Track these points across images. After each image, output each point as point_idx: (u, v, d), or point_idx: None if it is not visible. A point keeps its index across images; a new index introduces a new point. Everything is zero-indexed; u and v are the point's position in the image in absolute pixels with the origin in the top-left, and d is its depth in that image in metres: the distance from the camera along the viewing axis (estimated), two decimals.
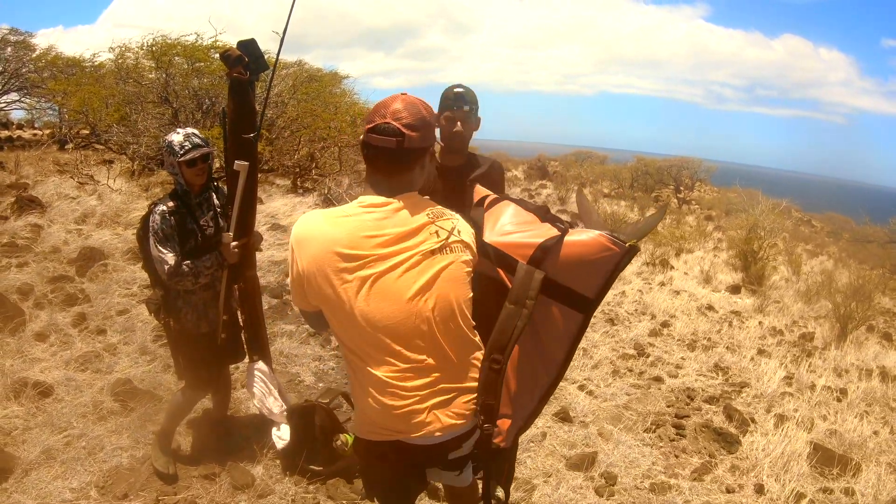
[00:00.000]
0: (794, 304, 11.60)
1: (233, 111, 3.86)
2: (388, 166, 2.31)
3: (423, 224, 2.29)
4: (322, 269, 2.22)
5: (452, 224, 2.35)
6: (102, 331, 6.16)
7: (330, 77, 19.40)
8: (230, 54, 3.78)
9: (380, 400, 2.28)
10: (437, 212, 2.36)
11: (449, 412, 2.32)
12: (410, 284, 2.23)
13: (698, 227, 22.99)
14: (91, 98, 14.32)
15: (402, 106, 2.30)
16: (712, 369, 6.90)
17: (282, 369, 5.76)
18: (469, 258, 2.35)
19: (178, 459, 4.26)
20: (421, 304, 2.24)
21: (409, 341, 2.26)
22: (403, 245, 2.25)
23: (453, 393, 2.34)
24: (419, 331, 2.26)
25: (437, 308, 2.26)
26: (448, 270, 2.28)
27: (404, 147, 2.26)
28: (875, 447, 5.37)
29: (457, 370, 2.35)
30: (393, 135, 2.26)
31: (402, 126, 2.26)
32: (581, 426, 5.21)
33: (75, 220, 9.91)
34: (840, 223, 36.51)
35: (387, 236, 2.24)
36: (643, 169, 40.16)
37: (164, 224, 3.72)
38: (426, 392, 2.29)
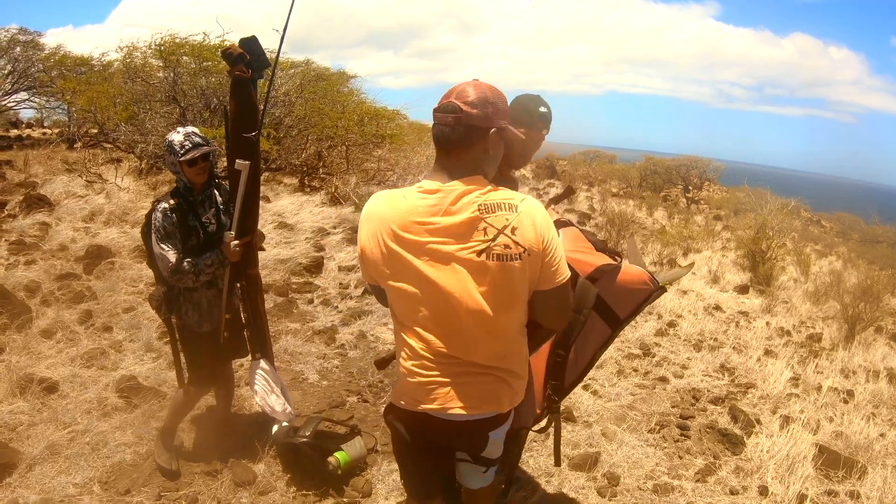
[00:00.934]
0: (802, 305, 11.54)
1: (234, 109, 3.90)
2: (447, 144, 2.34)
3: (471, 219, 2.27)
4: (376, 245, 2.34)
5: (505, 221, 2.28)
6: (108, 328, 6.20)
7: (338, 76, 19.43)
8: (232, 52, 3.82)
9: (408, 367, 2.45)
10: (490, 203, 2.29)
11: (470, 394, 2.41)
12: (452, 279, 2.29)
13: (707, 226, 22.91)
14: (99, 97, 14.39)
15: (468, 88, 2.35)
16: (718, 370, 6.87)
17: (286, 367, 5.77)
18: (517, 262, 2.28)
19: (181, 456, 4.28)
20: (461, 299, 2.29)
21: (446, 326, 2.35)
22: (449, 240, 2.27)
23: (479, 377, 2.42)
24: (456, 319, 2.33)
25: (474, 307, 2.30)
26: (492, 274, 2.28)
27: (463, 123, 2.29)
28: (881, 450, 5.32)
29: (489, 359, 2.41)
30: (452, 111, 2.30)
31: (463, 103, 2.30)
32: (585, 426, 5.20)
33: (83, 218, 9.97)
34: (850, 223, 36.39)
35: (436, 225, 2.28)
36: (651, 168, 40.07)
37: (166, 221, 3.74)
38: (452, 370, 2.40)
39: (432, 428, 2.51)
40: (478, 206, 2.28)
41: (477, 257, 2.27)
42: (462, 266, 2.28)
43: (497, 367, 2.43)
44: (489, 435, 2.57)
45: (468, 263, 2.27)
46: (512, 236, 2.27)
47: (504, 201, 2.30)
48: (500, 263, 2.27)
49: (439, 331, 2.37)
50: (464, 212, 2.28)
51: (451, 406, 2.41)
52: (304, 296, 7.74)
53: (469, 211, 2.27)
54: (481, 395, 2.43)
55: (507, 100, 2.45)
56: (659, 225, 21.90)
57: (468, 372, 2.41)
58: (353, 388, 5.53)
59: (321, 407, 5.13)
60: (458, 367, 2.40)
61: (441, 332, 2.37)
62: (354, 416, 4.99)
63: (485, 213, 2.28)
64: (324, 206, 12.44)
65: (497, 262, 2.27)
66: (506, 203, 2.30)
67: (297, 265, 8.58)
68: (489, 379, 2.44)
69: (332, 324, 6.89)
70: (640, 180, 38.82)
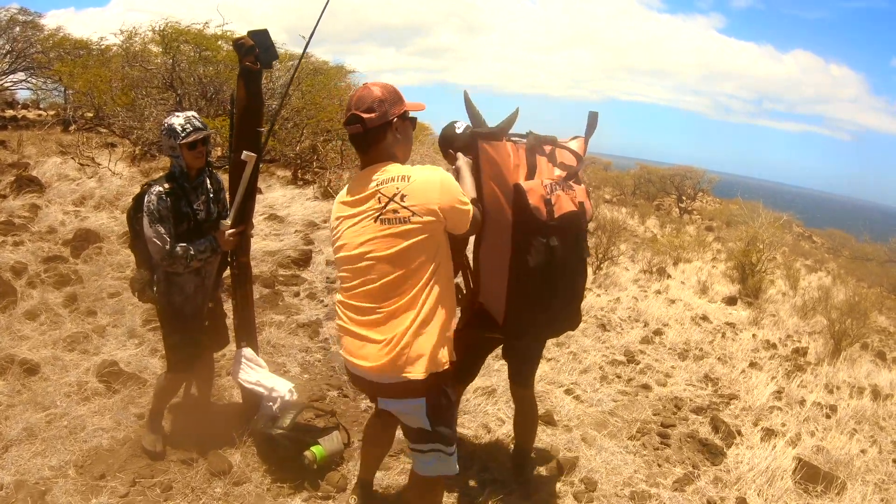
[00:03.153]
0: (789, 319, 11.57)
1: (242, 100, 4.01)
2: (364, 147, 2.92)
3: (372, 192, 2.81)
4: (332, 216, 3.01)
5: (395, 189, 2.77)
6: (93, 312, 6.19)
7: (335, 70, 19.41)
8: (244, 43, 3.94)
9: (338, 323, 3.03)
10: (387, 176, 2.82)
11: (368, 354, 2.85)
12: (357, 239, 2.83)
13: (698, 236, 22.97)
14: (97, 81, 14.33)
15: (363, 95, 2.86)
16: (702, 380, 6.87)
17: (268, 359, 5.73)
18: (404, 226, 2.75)
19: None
20: (363, 256, 2.82)
21: (357, 284, 2.87)
22: (360, 208, 2.84)
23: (373, 340, 2.83)
24: (363, 277, 2.84)
25: (372, 264, 2.81)
26: (381, 236, 2.77)
27: (367, 128, 2.83)
28: (862, 466, 5.33)
29: (381, 319, 2.83)
30: (356, 122, 2.83)
31: (362, 112, 2.81)
32: (565, 430, 5.18)
33: (73, 201, 9.94)
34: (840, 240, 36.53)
35: (357, 196, 2.87)
36: (646, 177, 40.25)
37: (161, 205, 3.74)
38: (360, 327, 2.88)
39: (353, 374, 3.04)
40: (376, 180, 2.82)
41: (373, 221, 2.79)
42: (363, 226, 2.82)
43: (392, 328, 2.81)
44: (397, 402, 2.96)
45: (368, 225, 2.80)
46: (402, 203, 2.75)
47: (400, 173, 2.81)
48: (387, 228, 2.77)
49: (353, 284, 2.89)
50: (370, 185, 2.83)
51: (354, 361, 2.91)
52: (290, 288, 7.72)
53: (372, 185, 2.83)
54: (371, 356, 2.84)
55: (396, 90, 2.90)
56: (650, 233, 21.95)
57: (362, 335, 2.88)
58: (335, 382, 5.51)
59: (302, 399, 5.11)
60: (361, 325, 2.89)
61: (354, 285, 2.88)
62: (334, 411, 4.96)
63: (381, 184, 2.80)
64: (316, 200, 12.43)
65: (385, 224, 2.77)
66: (400, 175, 2.80)
67: (284, 257, 8.56)
68: (375, 340, 2.84)
69: (317, 317, 6.87)
70: (634, 188, 38.97)
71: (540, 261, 3.22)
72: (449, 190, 2.81)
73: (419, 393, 2.84)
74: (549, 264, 3.25)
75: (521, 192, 3.19)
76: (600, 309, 8.99)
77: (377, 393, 2.99)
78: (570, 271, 3.44)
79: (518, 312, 3.36)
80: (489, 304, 3.45)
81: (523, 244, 3.22)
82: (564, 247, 3.30)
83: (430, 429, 2.92)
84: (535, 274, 3.24)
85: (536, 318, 3.43)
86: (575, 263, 3.46)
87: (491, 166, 3.24)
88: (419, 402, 2.86)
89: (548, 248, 3.22)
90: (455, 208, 2.82)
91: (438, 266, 2.83)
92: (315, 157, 16.01)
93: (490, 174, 3.24)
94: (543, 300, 3.36)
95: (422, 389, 2.82)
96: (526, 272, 3.24)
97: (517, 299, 3.32)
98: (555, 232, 3.25)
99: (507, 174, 3.25)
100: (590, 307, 8.74)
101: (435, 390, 2.87)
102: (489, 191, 3.24)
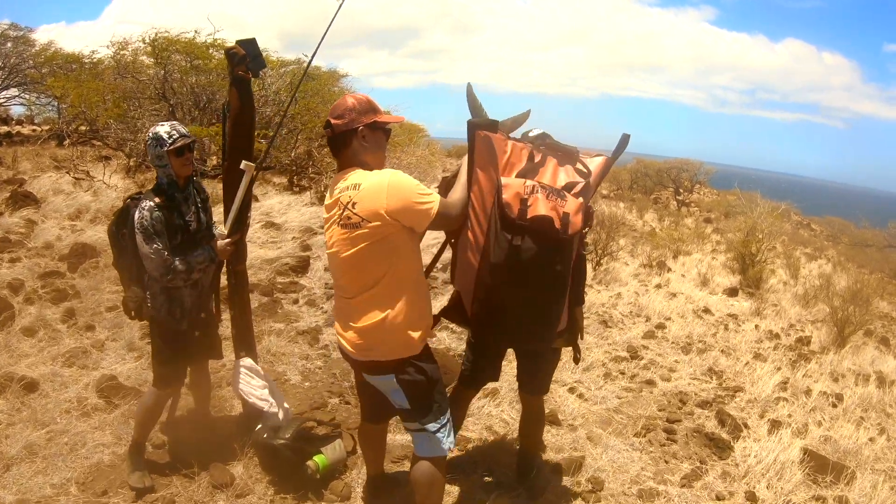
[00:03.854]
0: (791, 308, 11.52)
1: (236, 108, 4.03)
2: (333, 149, 3.24)
3: (335, 198, 3.09)
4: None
5: (349, 197, 3.01)
6: (91, 327, 6.16)
7: (328, 75, 19.39)
8: (236, 52, 3.97)
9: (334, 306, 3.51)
10: (345, 184, 3.07)
11: (348, 337, 3.23)
12: (330, 241, 3.16)
13: (697, 229, 22.94)
14: (89, 94, 14.31)
15: (338, 103, 3.18)
16: (706, 373, 6.83)
17: (269, 367, 5.72)
18: (357, 231, 3.01)
19: (159, 457, 4.27)
20: (335, 256, 3.16)
21: (337, 278, 3.29)
22: (331, 213, 3.15)
23: (349, 327, 3.20)
24: (338, 274, 3.24)
25: (340, 263, 3.14)
26: (341, 239, 3.07)
27: (335, 132, 3.14)
28: (870, 455, 5.29)
29: (353, 311, 3.17)
30: (327, 126, 3.18)
31: (332, 118, 3.14)
32: (570, 429, 5.14)
33: (69, 215, 9.93)
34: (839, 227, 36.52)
35: (329, 201, 3.16)
36: (642, 171, 40.26)
37: (155, 219, 3.70)
38: (342, 313, 3.29)
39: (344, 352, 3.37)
40: (340, 188, 3.09)
41: (337, 226, 3.09)
42: (333, 230, 3.13)
43: (358, 317, 3.16)
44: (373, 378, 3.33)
45: (335, 229, 3.10)
46: (353, 210, 2.99)
47: (354, 180, 3.04)
48: (346, 233, 3.04)
49: (336, 279, 3.30)
50: (336, 192, 3.11)
51: (341, 343, 3.30)
52: (289, 296, 7.69)
53: (336, 191, 3.11)
54: (349, 340, 3.22)
55: (370, 101, 3.17)
56: (649, 227, 21.91)
57: (344, 321, 3.26)
58: (336, 389, 5.48)
59: (303, 408, 5.07)
60: (341, 312, 3.30)
61: (336, 279, 3.30)
62: (336, 418, 4.92)
63: (342, 191, 3.07)
64: (312, 206, 12.41)
65: (343, 228, 3.05)
66: (354, 182, 3.04)
67: (282, 265, 8.53)
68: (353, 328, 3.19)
69: (317, 324, 6.84)
70: (631, 182, 38.96)
71: (500, 257, 3.13)
72: (397, 192, 2.97)
73: (388, 370, 3.18)
74: (512, 267, 3.15)
75: (498, 187, 3.16)
76: (601, 305, 8.96)
77: (358, 368, 3.38)
78: (536, 282, 3.24)
79: (481, 307, 3.35)
80: (463, 293, 3.49)
81: (492, 237, 3.17)
82: (533, 253, 3.14)
83: (408, 407, 3.24)
84: (497, 271, 3.17)
85: (495, 319, 3.36)
86: (546, 276, 3.25)
87: (481, 156, 3.26)
88: (389, 377, 3.20)
89: (511, 246, 3.12)
90: (407, 208, 2.99)
91: (397, 265, 3.08)
92: (310, 162, 15.98)
93: (479, 163, 3.27)
94: (504, 301, 3.28)
95: (389, 367, 3.18)
96: (489, 267, 3.20)
97: (480, 293, 3.31)
98: (524, 232, 3.13)
99: (496, 167, 3.24)
100: (591, 304, 8.71)
101: (402, 368, 3.17)
102: (475, 178, 3.28)
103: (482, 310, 3.35)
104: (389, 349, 3.14)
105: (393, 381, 3.19)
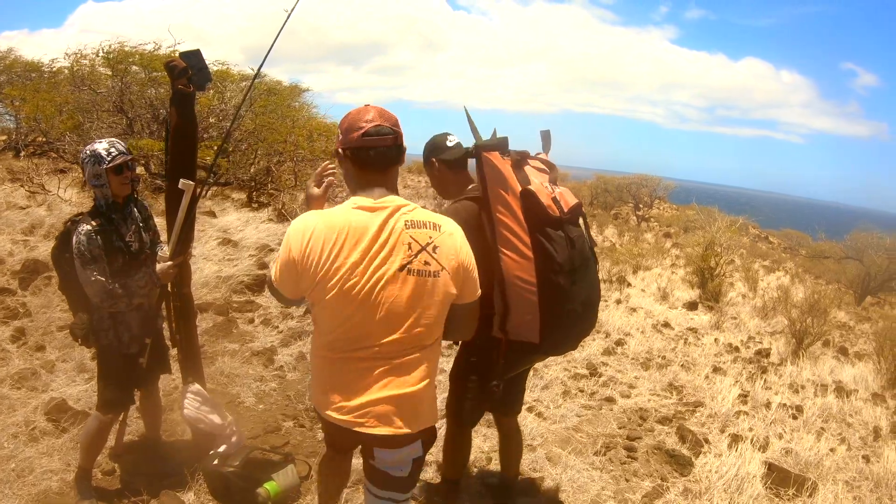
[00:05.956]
0: (750, 320, 11.60)
1: (176, 124, 3.84)
2: (385, 164, 2.59)
3: (396, 233, 2.47)
4: (310, 260, 2.43)
5: (428, 238, 2.52)
6: (41, 347, 5.96)
7: (289, 90, 19.23)
8: (176, 65, 3.78)
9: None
10: (414, 218, 2.53)
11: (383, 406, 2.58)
12: (372, 284, 2.44)
13: (656, 244, 23.13)
14: (45, 105, 14.04)
15: (381, 111, 2.59)
16: (666, 388, 6.78)
17: (222, 390, 5.55)
18: (436, 279, 2.51)
19: (108, 484, 4.12)
20: (383, 307, 2.46)
21: (369, 334, 2.52)
22: (380, 254, 2.44)
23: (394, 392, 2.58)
24: (387, 327, 2.51)
25: (394, 316, 2.49)
26: (410, 291, 2.48)
27: (399, 143, 2.60)
28: (832, 465, 5.27)
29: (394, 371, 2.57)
30: (390, 133, 2.56)
31: (393, 126, 2.57)
32: (529, 450, 5.01)
33: (23, 230, 9.64)
34: (797, 239, 37.24)
35: (368, 238, 2.44)
36: (603, 186, 40.62)
37: (92, 245, 3.54)
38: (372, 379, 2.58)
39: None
40: (404, 220, 2.51)
41: (400, 271, 2.45)
42: (385, 281, 2.45)
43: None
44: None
45: (392, 276, 2.46)
46: (434, 254, 2.50)
47: (425, 220, 2.55)
48: (418, 278, 2.47)
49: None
50: (396, 227, 2.50)
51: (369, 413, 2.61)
52: (244, 315, 7.51)
53: (399, 226, 2.50)
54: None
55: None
56: (609, 243, 22.03)
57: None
58: (290, 412, 5.32)
59: (257, 432, 4.92)
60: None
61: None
62: (290, 442, 4.79)
63: (411, 227, 2.50)
64: (271, 223, 12.24)
65: (415, 276, 2.47)
66: (425, 221, 2.55)
67: (238, 283, 8.34)
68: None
69: (272, 344, 6.67)
70: (592, 198, 39.26)
71: (565, 254, 3.28)
72: (469, 250, 2.69)
73: (417, 437, 2.72)
74: (574, 258, 3.33)
75: (531, 194, 3.26)
76: None
77: (375, 444, 2.75)
78: (589, 260, 3.53)
79: (557, 318, 3.36)
80: (519, 326, 3.38)
81: (545, 242, 3.27)
82: (580, 236, 3.46)
83: (407, 475, 2.79)
84: (567, 269, 3.30)
85: (574, 320, 3.46)
86: (589, 252, 3.56)
87: (496, 173, 3.31)
88: (416, 444, 2.73)
89: (569, 239, 3.32)
90: (472, 272, 2.69)
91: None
92: (269, 179, 15.78)
93: (495, 180, 3.31)
94: (581, 294, 3.42)
95: (422, 433, 2.73)
96: (558, 269, 3.27)
97: (551, 303, 3.31)
98: (569, 224, 3.39)
99: (511, 181, 3.31)
100: None
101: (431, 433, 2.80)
102: (496, 196, 3.30)
103: (561, 316, 3.36)
104: (434, 411, 2.77)
105: (419, 448, 2.73)
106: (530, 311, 3.32)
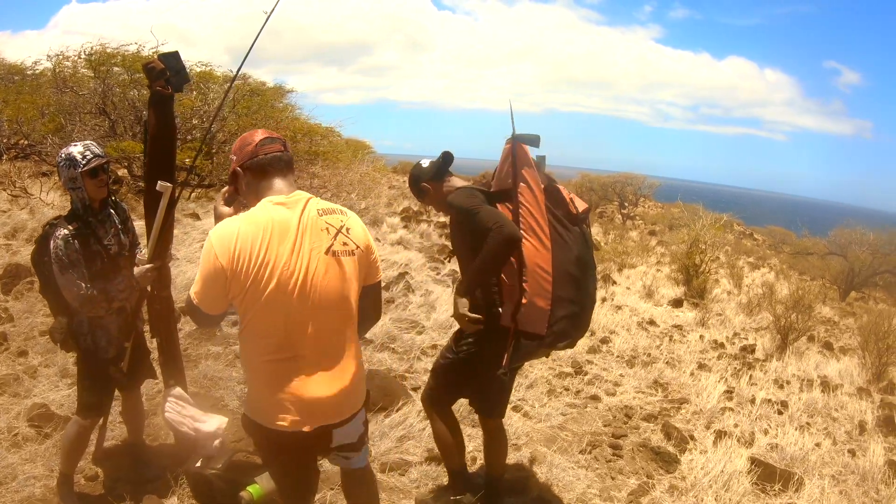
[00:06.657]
0: (735, 317, 11.64)
1: (154, 126, 3.77)
2: (283, 167, 2.74)
3: (314, 220, 2.63)
4: (241, 262, 2.47)
5: (340, 221, 2.69)
6: (24, 352, 5.89)
7: (273, 91, 19.15)
8: (154, 67, 3.72)
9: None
10: (323, 206, 2.71)
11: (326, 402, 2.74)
12: (302, 272, 2.55)
13: (641, 241, 23.19)
14: (27, 107, 13.94)
15: (266, 130, 2.85)
16: (651, 386, 6.77)
17: (205, 393, 5.49)
18: (354, 257, 2.71)
19: (92, 489, 4.08)
20: (315, 291, 2.59)
21: (304, 329, 2.62)
22: (306, 243, 2.57)
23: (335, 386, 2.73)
24: (319, 314, 2.64)
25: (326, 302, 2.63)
26: (338, 272, 2.65)
27: (288, 151, 2.80)
28: (817, 460, 5.27)
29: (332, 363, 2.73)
30: (279, 141, 2.78)
31: (279, 138, 2.80)
32: (514, 449, 4.97)
33: (5, 234, 9.61)
34: (781, 236, 37.42)
35: (293, 229, 2.57)
36: (587, 185, 40.70)
37: (69, 249, 3.47)
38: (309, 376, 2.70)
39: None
40: (318, 209, 2.69)
41: (326, 254, 2.62)
42: (317, 263, 2.61)
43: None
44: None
45: (319, 260, 2.61)
46: (348, 235, 2.69)
47: (330, 207, 2.75)
48: (342, 259, 2.66)
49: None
50: (312, 216, 2.66)
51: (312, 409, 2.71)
52: (227, 318, 7.45)
53: (314, 215, 2.66)
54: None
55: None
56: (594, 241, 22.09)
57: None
58: None
59: (240, 434, 4.85)
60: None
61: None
62: None
63: (324, 213, 2.69)
64: None
65: (340, 258, 2.66)
66: (331, 209, 2.74)
67: None
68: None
69: None
70: None
71: (581, 248, 3.58)
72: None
73: (359, 406, 2.93)
74: (585, 253, 3.62)
75: (558, 190, 3.63)
76: None
77: (321, 438, 2.87)
78: (593, 261, 3.76)
79: (566, 307, 3.54)
80: (530, 315, 3.51)
81: (563, 234, 3.54)
82: (590, 235, 3.77)
83: (363, 430, 3.03)
84: (581, 261, 3.57)
85: (580, 312, 3.65)
86: (592, 254, 3.77)
87: (527, 161, 3.56)
88: (360, 413, 2.95)
89: (583, 237, 3.63)
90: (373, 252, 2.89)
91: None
92: None
93: (526, 165, 3.55)
94: (589, 287, 3.69)
95: (360, 404, 2.94)
96: (574, 260, 3.54)
97: (564, 293, 3.52)
98: (582, 222, 3.67)
99: (537, 174, 3.58)
100: None
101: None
102: (523, 179, 3.53)
103: (570, 307, 3.55)
104: (363, 388, 2.93)
105: (363, 414, 2.95)
106: (544, 299, 3.46)
